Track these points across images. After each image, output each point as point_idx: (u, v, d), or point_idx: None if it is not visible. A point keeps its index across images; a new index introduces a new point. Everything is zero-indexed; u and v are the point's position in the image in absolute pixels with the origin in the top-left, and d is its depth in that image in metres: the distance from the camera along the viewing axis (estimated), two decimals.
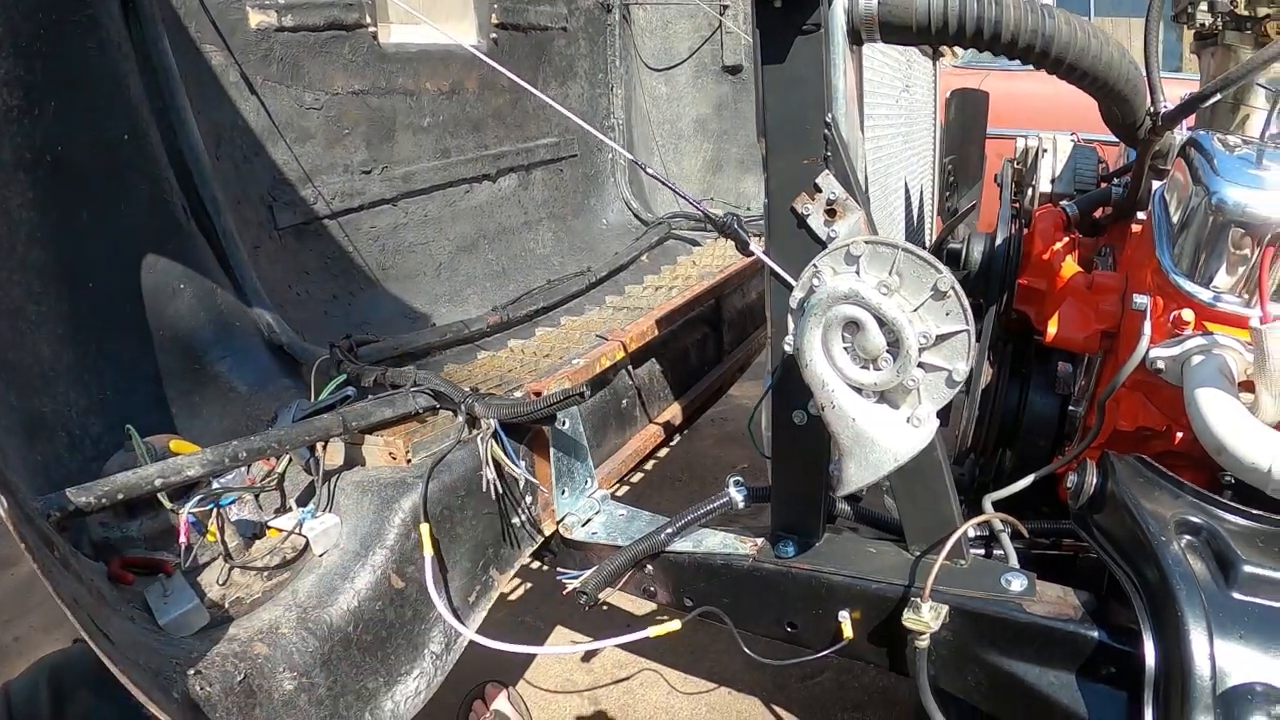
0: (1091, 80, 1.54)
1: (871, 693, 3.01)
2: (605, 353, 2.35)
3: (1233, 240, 1.68)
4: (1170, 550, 1.37)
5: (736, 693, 3.05)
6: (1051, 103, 5.23)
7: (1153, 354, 1.72)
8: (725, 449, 4.66)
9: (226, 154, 2.56)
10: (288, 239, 2.75)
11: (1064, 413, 2.29)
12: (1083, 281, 2.13)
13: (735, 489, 1.96)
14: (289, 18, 2.68)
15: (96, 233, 2.06)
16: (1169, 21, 2.12)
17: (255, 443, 1.77)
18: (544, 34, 3.80)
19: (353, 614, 1.65)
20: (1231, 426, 1.51)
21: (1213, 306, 1.72)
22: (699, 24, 4.16)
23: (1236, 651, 1.25)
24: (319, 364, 2.19)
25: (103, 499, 1.58)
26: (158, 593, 1.57)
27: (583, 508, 2.09)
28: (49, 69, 1.95)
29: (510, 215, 3.66)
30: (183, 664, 1.41)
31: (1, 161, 1.89)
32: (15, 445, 1.80)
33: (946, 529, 1.64)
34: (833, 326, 1.32)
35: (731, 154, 4.31)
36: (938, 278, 1.24)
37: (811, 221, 1.49)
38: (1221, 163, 1.75)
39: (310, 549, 1.75)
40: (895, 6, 1.45)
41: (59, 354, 1.98)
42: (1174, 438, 1.86)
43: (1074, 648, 1.49)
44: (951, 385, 1.29)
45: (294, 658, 1.54)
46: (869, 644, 1.73)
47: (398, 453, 1.92)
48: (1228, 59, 2.04)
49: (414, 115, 3.17)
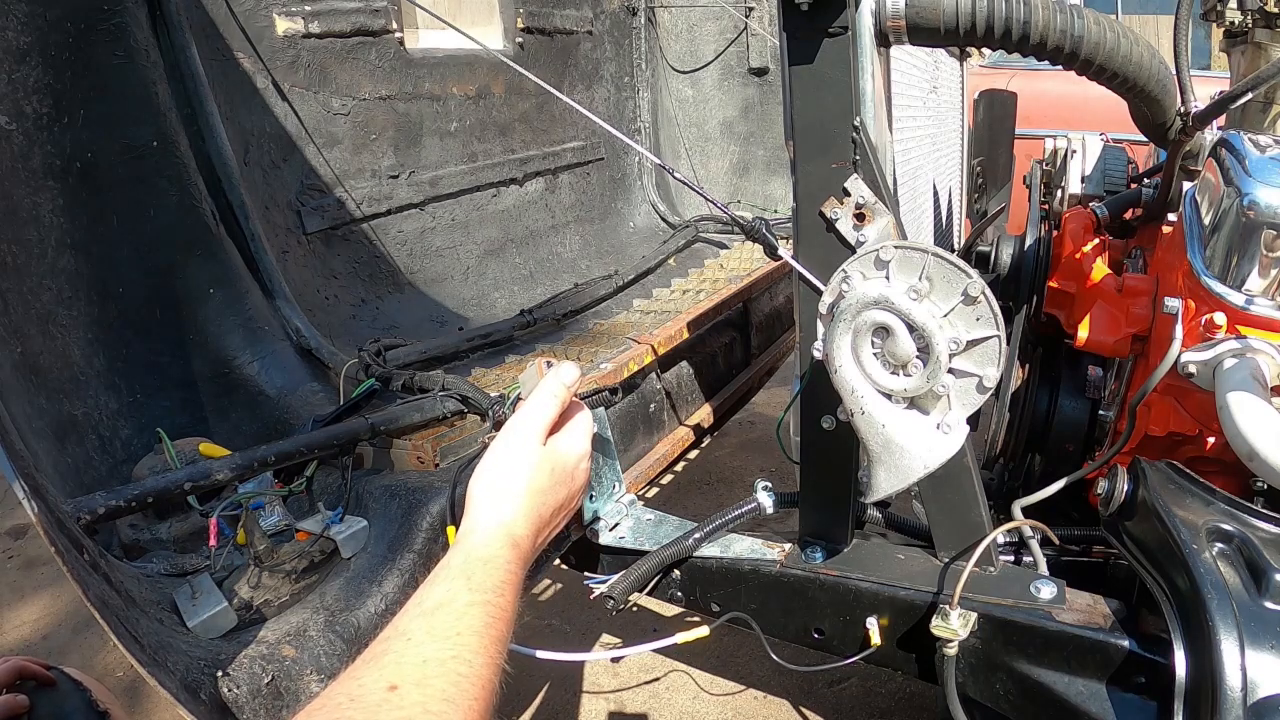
0: (1121, 81, 1.52)
1: (899, 699, 3.00)
2: (633, 356, 2.35)
3: (1265, 242, 1.66)
4: (1201, 558, 1.36)
5: (764, 697, 3.04)
6: (1080, 103, 5.22)
7: (1184, 358, 1.70)
8: (752, 454, 4.65)
9: (255, 160, 2.58)
10: (316, 243, 2.76)
11: (1094, 417, 2.27)
12: (1113, 284, 2.11)
13: (764, 494, 1.95)
14: (316, 24, 2.69)
15: (126, 238, 2.07)
16: (1198, 19, 2.11)
17: (284, 446, 1.78)
18: (569, 38, 3.80)
19: (380, 617, 1.65)
20: (1264, 432, 1.49)
21: (1245, 310, 1.70)
22: (724, 26, 4.15)
23: (1268, 662, 1.23)
24: (347, 368, 2.20)
25: (132, 502, 1.59)
26: (186, 595, 1.57)
27: (610, 512, 2.08)
28: (78, 77, 1.97)
29: (537, 219, 3.66)
30: (211, 666, 1.41)
31: (31, 169, 1.91)
32: (46, 448, 1.82)
33: (976, 535, 1.63)
34: (862, 332, 1.31)
35: (758, 156, 4.29)
36: (968, 283, 1.23)
37: (840, 226, 1.48)
38: (1253, 164, 1.73)
39: (338, 552, 1.75)
40: (923, 8, 1.44)
41: (89, 358, 2.00)
42: (1205, 443, 1.84)
43: (1104, 656, 1.47)
44: (982, 391, 1.28)
45: (321, 660, 1.55)
46: (897, 650, 1.72)
47: (425, 457, 1.92)
48: (1258, 57, 2.02)
49: (441, 120, 3.18)
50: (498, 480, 1.20)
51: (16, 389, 1.77)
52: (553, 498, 1.23)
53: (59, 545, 1.16)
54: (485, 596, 1.03)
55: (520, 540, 1.15)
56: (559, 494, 1.24)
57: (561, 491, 1.24)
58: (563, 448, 1.26)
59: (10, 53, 1.86)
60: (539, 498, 1.20)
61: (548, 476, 1.22)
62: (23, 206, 1.90)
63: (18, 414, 1.68)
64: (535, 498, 1.20)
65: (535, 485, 1.20)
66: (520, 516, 1.17)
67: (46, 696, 1.29)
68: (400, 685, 0.89)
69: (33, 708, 1.26)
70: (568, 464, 1.26)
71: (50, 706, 1.29)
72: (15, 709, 1.24)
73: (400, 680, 0.90)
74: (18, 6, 1.87)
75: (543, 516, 1.21)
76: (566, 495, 1.26)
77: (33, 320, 1.89)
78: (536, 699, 3.09)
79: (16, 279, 1.87)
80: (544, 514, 1.21)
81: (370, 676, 0.91)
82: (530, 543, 1.17)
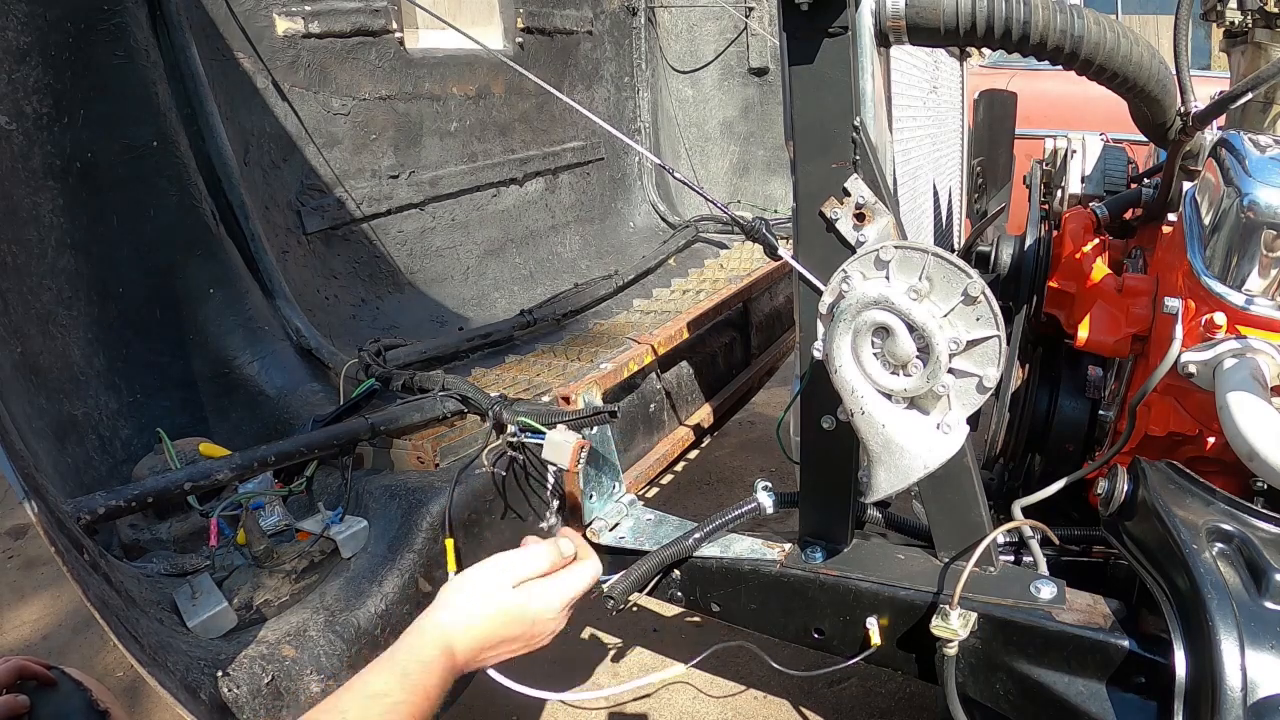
0: (1121, 81, 1.52)
1: (899, 699, 3.00)
2: (633, 356, 2.35)
3: (1265, 242, 1.66)
4: (1201, 558, 1.35)
5: (764, 697, 3.04)
6: (1080, 103, 5.21)
7: (1184, 358, 1.70)
8: (752, 454, 4.65)
9: (255, 160, 2.58)
10: (316, 244, 2.76)
11: (1094, 417, 2.27)
12: (1113, 284, 2.10)
13: (764, 494, 1.95)
14: (316, 24, 2.69)
15: (126, 238, 2.08)
16: (1198, 19, 2.11)
17: (284, 446, 1.78)
18: (569, 38, 3.80)
19: (380, 617, 1.66)
20: (1264, 431, 1.49)
21: (1245, 310, 1.70)
22: (724, 26, 4.15)
23: (1268, 662, 1.23)
24: (347, 368, 2.20)
25: (132, 502, 1.59)
26: (186, 594, 1.58)
27: (610, 512, 2.08)
28: (78, 77, 1.97)
29: (537, 219, 3.66)
30: (211, 666, 1.41)
31: (32, 169, 1.91)
32: (46, 448, 1.82)
33: (976, 535, 1.62)
34: (862, 332, 1.31)
35: (758, 156, 4.29)
36: (968, 283, 1.23)
37: (840, 226, 1.48)
38: (1253, 164, 1.73)
39: (338, 552, 1.75)
40: (923, 8, 1.44)
41: (89, 358, 2.00)
42: (1205, 443, 1.84)
43: (1104, 656, 1.47)
44: (982, 391, 1.28)
45: (321, 660, 1.55)
46: (897, 651, 1.72)
47: (425, 457, 1.92)
48: (1258, 57, 2.02)
49: (441, 120, 3.18)
50: (470, 598, 1.32)
51: (16, 389, 1.77)
52: (505, 634, 1.33)
53: (59, 545, 1.16)
54: (411, 697, 1.16)
55: (457, 654, 1.26)
56: (513, 633, 1.34)
57: (516, 632, 1.34)
58: (536, 601, 1.35)
59: (10, 53, 1.86)
60: (492, 630, 1.31)
61: (509, 617, 1.33)
62: (23, 206, 1.90)
63: (18, 414, 1.68)
64: (488, 628, 1.31)
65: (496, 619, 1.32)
66: (467, 637, 1.28)
67: (47, 696, 1.29)
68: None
69: (33, 708, 1.26)
70: (532, 615, 1.35)
71: (51, 706, 1.29)
72: (16, 709, 1.24)
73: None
74: (18, 6, 1.87)
75: (487, 644, 1.31)
76: (521, 639, 1.36)
77: (33, 320, 1.89)
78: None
79: (16, 279, 1.87)
80: (490, 643, 1.31)
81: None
82: (464, 660, 1.28)
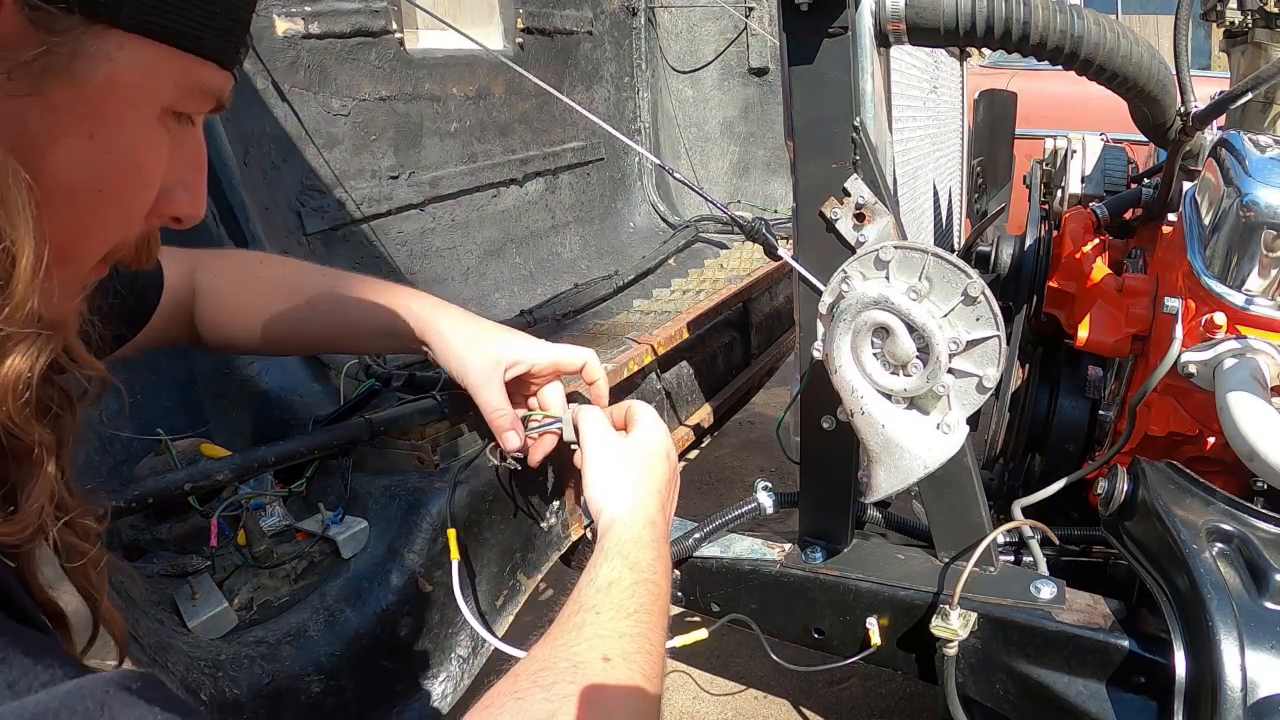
0: (1121, 81, 1.52)
1: (898, 699, 3.00)
2: (633, 356, 2.34)
3: (1265, 242, 1.66)
4: (1201, 558, 1.36)
5: (764, 697, 3.04)
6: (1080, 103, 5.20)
7: (1184, 358, 1.70)
8: (752, 454, 4.65)
9: (255, 160, 2.57)
10: (316, 244, 2.76)
11: (1094, 417, 2.27)
12: (1113, 284, 2.11)
13: (764, 494, 1.95)
14: (315, 25, 2.69)
15: None
16: (1198, 19, 2.11)
17: (284, 447, 1.78)
18: (569, 38, 3.79)
19: (380, 618, 1.66)
20: (1264, 432, 1.49)
21: (1245, 310, 1.70)
22: (724, 26, 4.15)
23: (1268, 662, 1.23)
24: (347, 368, 2.20)
25: (132, 502, 1.59)
26: (186, 595, 1.57)
27: None
28: None
29: (537, 219, 3.66)
30: (211, 666, 1.41)
31: None
32: None
33: (975, 535, 1.63)
34: (862, 332, 1.31)
35: (758, 156, 4.29)
36: (968, 283, 1.23)
37: (840, 226, 1.48)
38: (1253, 164, 1.73)
39: (338, 552, 1.75)
40: (923, 9, 1.44)
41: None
42: (1205, 443, 1.84)
43: (1104, 656, 1.47)
44: (982, 391, 1.28)
45: (321, 661, 1.55)
46: (897, 651, 1.72)
47: (425, 457, 1.92)
48: (1258, 57, 2.02)
49: (441, 120, 3.18)
50: (608, 480, 1.29)
51: None
52: (660, 476, 1.31)
53: None
54: (645, 575, 1.10)
55: (654, 518, 1.23)
56: (663, 470, 1.32)
57: (664, 467, 1.33)
58: (643, 434, 1.35)
59: None
60: (649, 480, 1.28)
61: (648, 460, 1.31)
62: None
63: None
64: (646, 481, 1.28)
65: (641, 470, 1.30)
66: (645, 498, 1.25)
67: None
68: (611, 658, 0.96)
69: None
70: (655, 446, 1.35)
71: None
72: None
73: (609, 653, 0.97)
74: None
75: (661, 493, 1.29)
76: (670, 469, 1.34)
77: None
78: None
79: None
80: (660, 490, 1.29)
81: (581, 647, 0.98)
82: (662, 517, 1.25)
